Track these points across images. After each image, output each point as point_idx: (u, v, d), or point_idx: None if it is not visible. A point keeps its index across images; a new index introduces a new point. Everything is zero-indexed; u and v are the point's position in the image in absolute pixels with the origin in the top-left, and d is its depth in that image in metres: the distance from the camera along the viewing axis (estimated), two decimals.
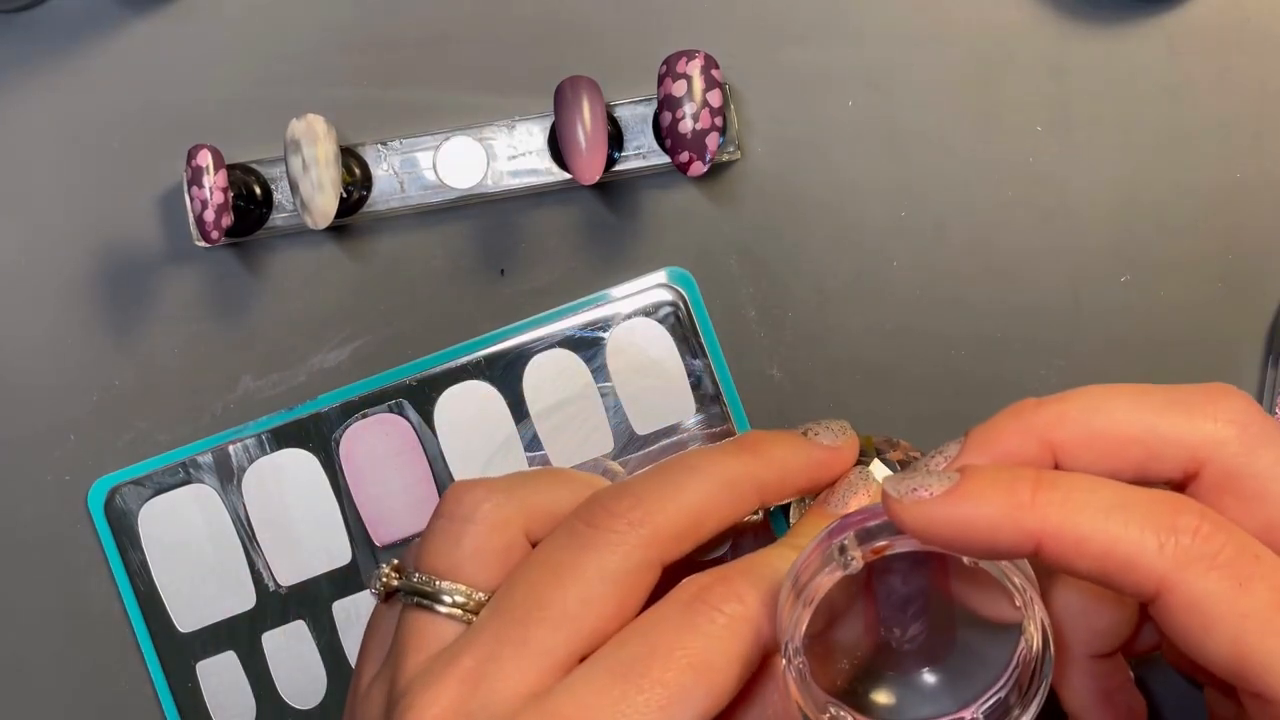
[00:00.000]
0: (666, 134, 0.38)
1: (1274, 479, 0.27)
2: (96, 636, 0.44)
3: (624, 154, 0.42)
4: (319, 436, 0.43)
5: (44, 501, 0.44)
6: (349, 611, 0.43)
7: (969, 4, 0.42)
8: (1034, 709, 0.28)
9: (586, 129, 0.38)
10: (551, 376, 0.42)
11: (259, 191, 0.42)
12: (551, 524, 0.31)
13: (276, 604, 0.43)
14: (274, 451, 0.43)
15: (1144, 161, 0.42)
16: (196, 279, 0.44)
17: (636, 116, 0.42)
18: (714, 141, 0.38)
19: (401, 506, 0.43)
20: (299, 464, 0.43)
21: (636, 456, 0.42)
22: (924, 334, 0.43)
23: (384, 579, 0.33)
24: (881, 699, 0.29)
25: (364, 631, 0.34)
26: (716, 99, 0.38)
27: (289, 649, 0.43)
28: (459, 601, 0.30)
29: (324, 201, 0.39)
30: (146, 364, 0.44)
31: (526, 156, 0.42)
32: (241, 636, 0.43)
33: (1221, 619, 0.24)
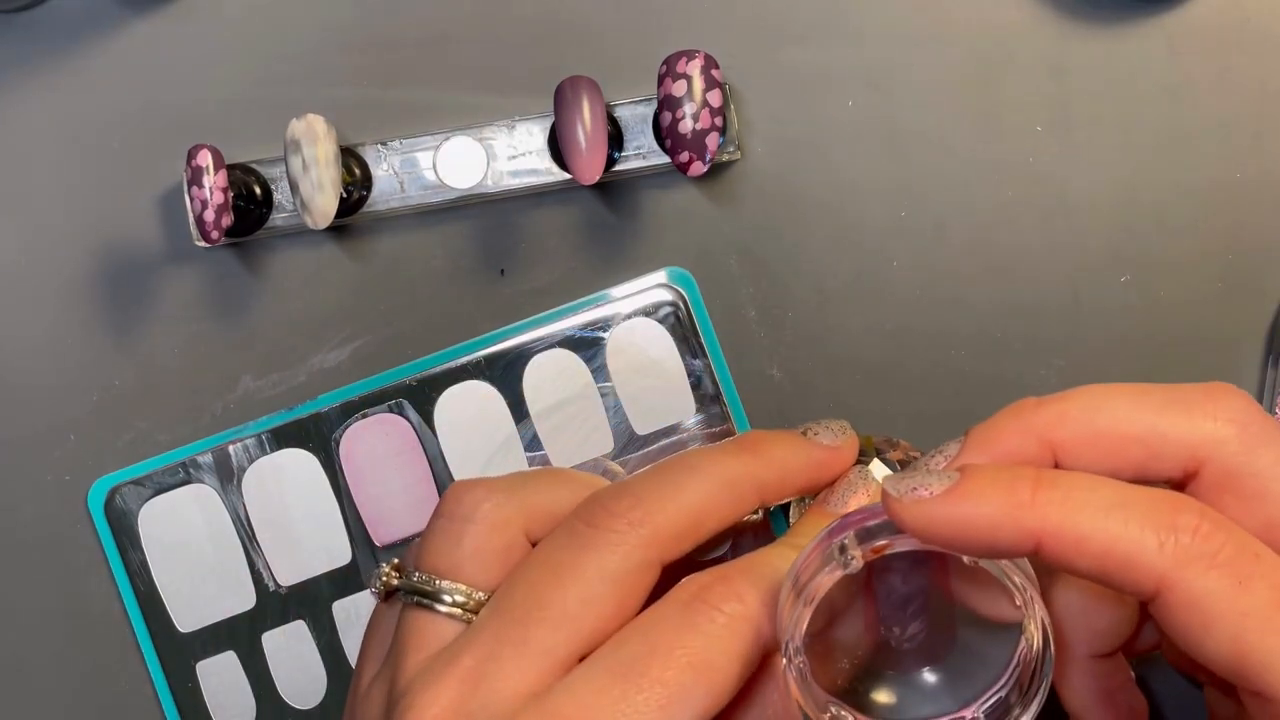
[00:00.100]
0: (666, 134, 0.38)
1: (1274, 478, 0.27)
2: (96, 636, 0.44)
3: (624, 154, 0.42)
4: (319, 436, 0.43)
5: (44, 501, 0.44)
6: (349, 611, 0.43)
7: (969, 4, 0.42)
8: (1034, 708, 0.28)
9: (586, 129, 0.38)
10: (551, 376, 0.42)
11: (259, 191, 0.42)
12: (551, 524, 0.31)
13: (276, 604, 0.43)
14: (274, 451, 0.43)
15: (1144, 161, 0.42)
16: (196, 279, 0.44)
17: (636, 116, 0.42)
18: (714, 141, 0.38)
19: (401, 506, 0.43)
20: (299, 464, 0.43)
21: (636, 456, 0.42)
22: (924, 334, 0.43)
23: (384, 578, 0.33)
24: (882, 698, 0.29)
25: (364, 631, 0.34)
26: (716, 99, 0.38)
27: (289, 649, 0.43)
28: (459, 601, 0.30)
29: (324, 201, 0.39)
30: (146, 364, 0.44)
31: (526, 156, 0.42)
32: (241, 636, 0.43)
33: (1221, 617, 0.24)
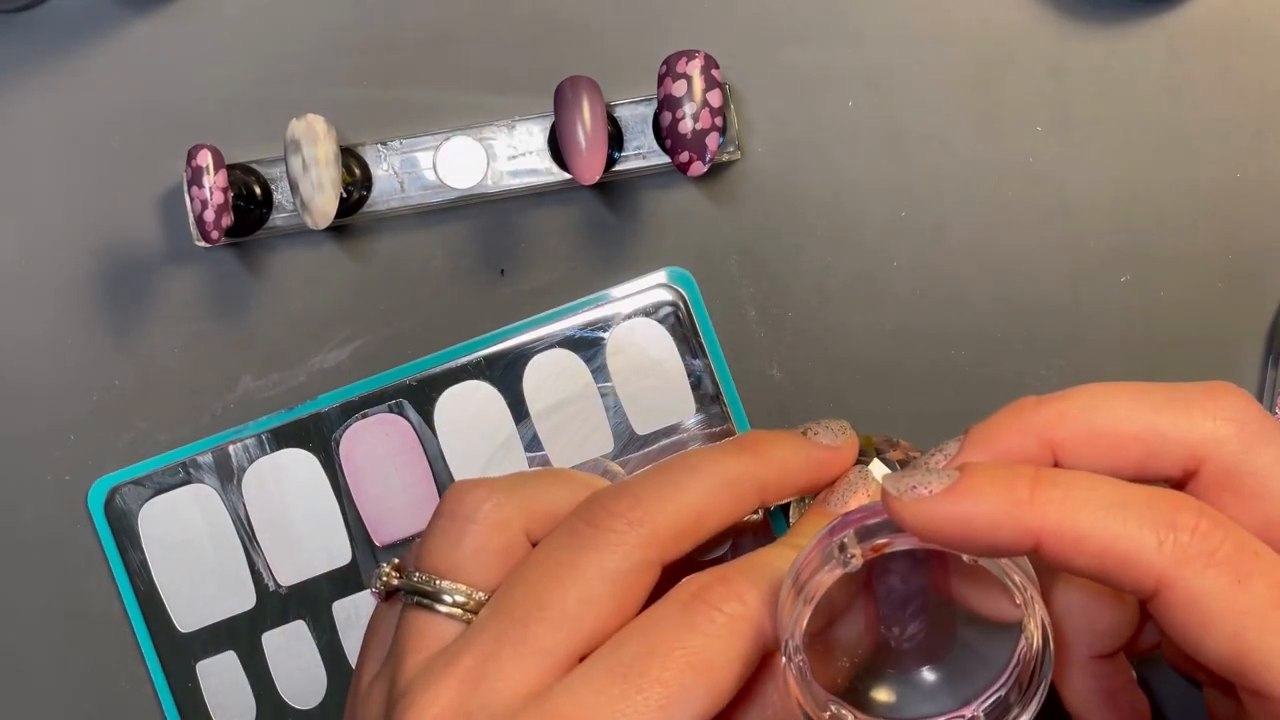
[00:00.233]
0: (666, 134, 0.38)
1: (1273, 477, 0.27)
2: (96, 636, 0.44)
3: (624, 154, 0.42)
4: (319, 436, 0.43)
5: (44, 501, 0.44)
6: (349, 611, 0.43)
7: (969, 4, 0.42)
8: (1034, 707, 0.28)
9: (586, 129, 0.38)
10: (551, 376, 0.42)
11: (259, 191, 0.42)
12: (551, 524, 0.31)
13: (276, 604, 0.43)
14: (274, 451, 0.43)
15: (1144, 161, 0.42)
16: (196, 279, 0.44)
17: (636, 116, 0.42)
18: (714, 141, 0.38)
19: (401, 506, 0.43)
20: (299, 464, 0.43)
21: (636, 456, 0.42)
22: (924, 334, 0.43)
23: (384, 578, 0.33)
24: (882, 697, 0.29)
25: (364, 631, 0.34)
26: (716, 99, 0.38)
27: (289, 649, 0.43)
28: (459, 601, 0.30)
29: (324, 201, 0.39)
30: (146, 364, 0.44)
31: (526, 156, 0.42)
32: (241, 636, 0.43)
33: (1220, 616, 0.24)
